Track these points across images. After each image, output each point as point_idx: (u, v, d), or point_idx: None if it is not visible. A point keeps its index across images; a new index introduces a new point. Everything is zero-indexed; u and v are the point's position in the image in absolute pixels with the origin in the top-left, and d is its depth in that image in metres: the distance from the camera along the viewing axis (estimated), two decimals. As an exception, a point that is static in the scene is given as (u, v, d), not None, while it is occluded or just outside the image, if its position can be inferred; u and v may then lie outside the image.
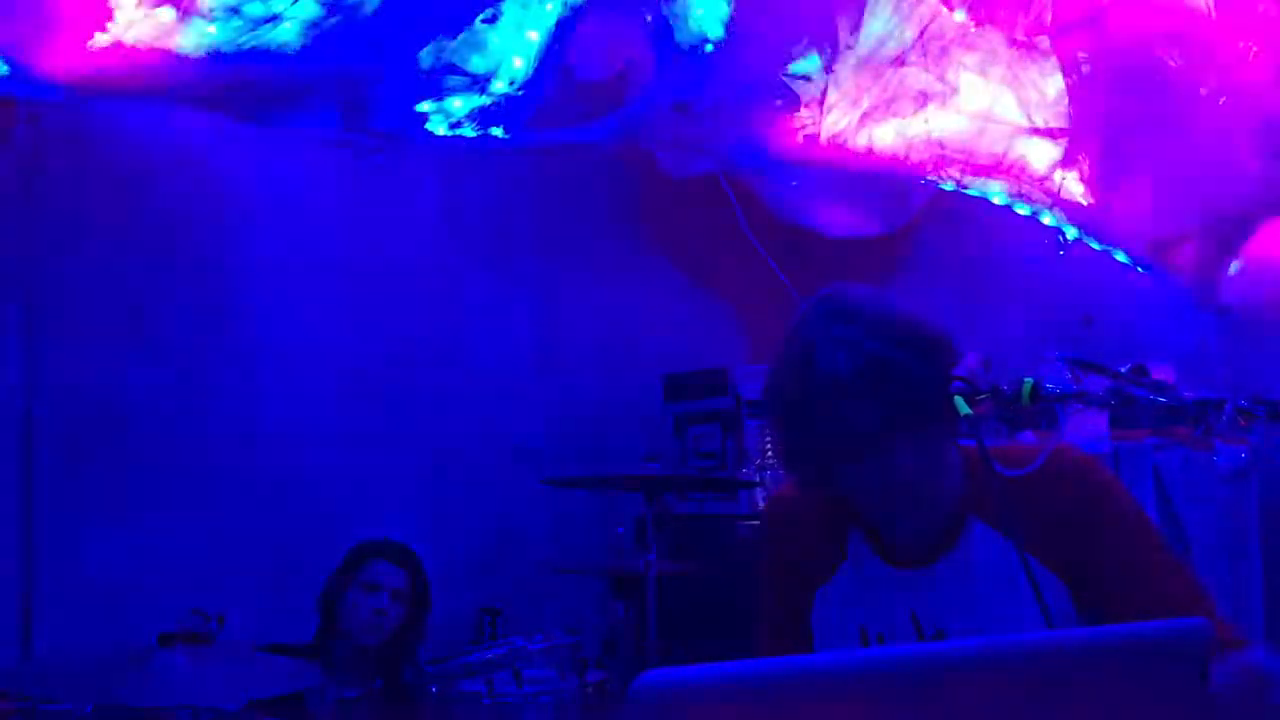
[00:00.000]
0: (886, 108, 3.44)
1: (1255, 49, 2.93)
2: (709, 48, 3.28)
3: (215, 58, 2.77)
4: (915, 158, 3.50)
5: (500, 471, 4.10)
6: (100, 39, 2.81)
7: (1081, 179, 3.37)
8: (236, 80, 2.84)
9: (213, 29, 2.76)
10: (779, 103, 3.43)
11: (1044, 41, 3.22)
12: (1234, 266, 3.25)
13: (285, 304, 3.82)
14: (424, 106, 3.13)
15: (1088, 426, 2.68)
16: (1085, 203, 3.41)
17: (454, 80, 3.09)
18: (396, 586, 3.11)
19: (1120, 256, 3.48)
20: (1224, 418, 1.45)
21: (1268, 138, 3.00)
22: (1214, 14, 3.00)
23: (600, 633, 3.90)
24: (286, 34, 2.78)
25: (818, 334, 1.47)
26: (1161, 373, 2.93)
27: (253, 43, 2.74)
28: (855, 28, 3.35)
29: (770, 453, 3.88)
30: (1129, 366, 2.92)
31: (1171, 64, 3.01)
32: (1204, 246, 3.21)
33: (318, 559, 3.23)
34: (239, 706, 2.52)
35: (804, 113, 3.48)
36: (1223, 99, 2.99)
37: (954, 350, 1.49)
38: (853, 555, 1.64)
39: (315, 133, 3.28)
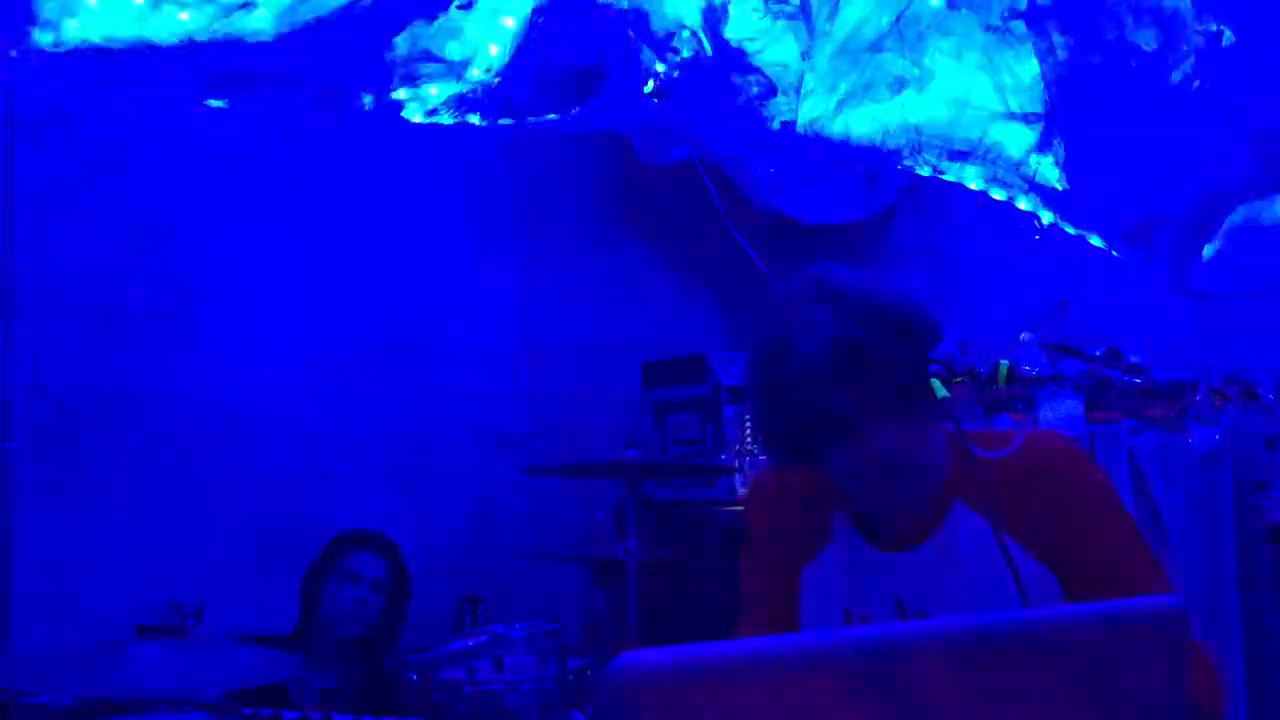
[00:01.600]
0: (863, 93, 3.44)
1: (1229, 33, 2.94)
2: (685, 33, 3.27)
3: (188, 45, 2.74)
4: (891, 143, 3.50)
5: (480, 459, 4.10)
6: (72, 26, 2.78)
7: (1056, 163, 3.37)
8: (210, 68, 2.82)
9: (185, 16, 2.74)
10: (756, 89, 3.43)
11: (1019, 26, 3.23)
12: (1208, 250, 3.27)
13: (264, 291, 3.81)
14: (399, 94, 3.11)
15: (1063, 410, 2.69)
16: (1060, 187, 3.42)
17: (430, 67, 3.07)
18: (377, 576, 3.10)
19: (1095, 241, 3.50)
20: (1198, 399, 1.46)
21: (1242, 123, 3.02)
22: (1187, -1, 3.01)
23: (581, 620, 3.91)
24: (260, 21, 2.75)
25: (795, 315, 1.46)
26: (1136, 356, 2.95)
27: (226, 30, 2.72)
28: (832, 13, 3.35)
29: (750, 438, 3.89)
30: (1104, 350, 2.95)
31: (1146, 48, 3.02)
32: (1178, 231, 3.23)
33: (298, 549, 3.22)
34: (218, 697, 2.51)
35: (781, 99, 3.48)
36: (1197, 83, 3.01)
37: (937, 329, 1.49)
38: (837, 537, 1.65)
39: (291, 120, 3.26)
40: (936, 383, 1.45)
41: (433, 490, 4.04)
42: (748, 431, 3.92)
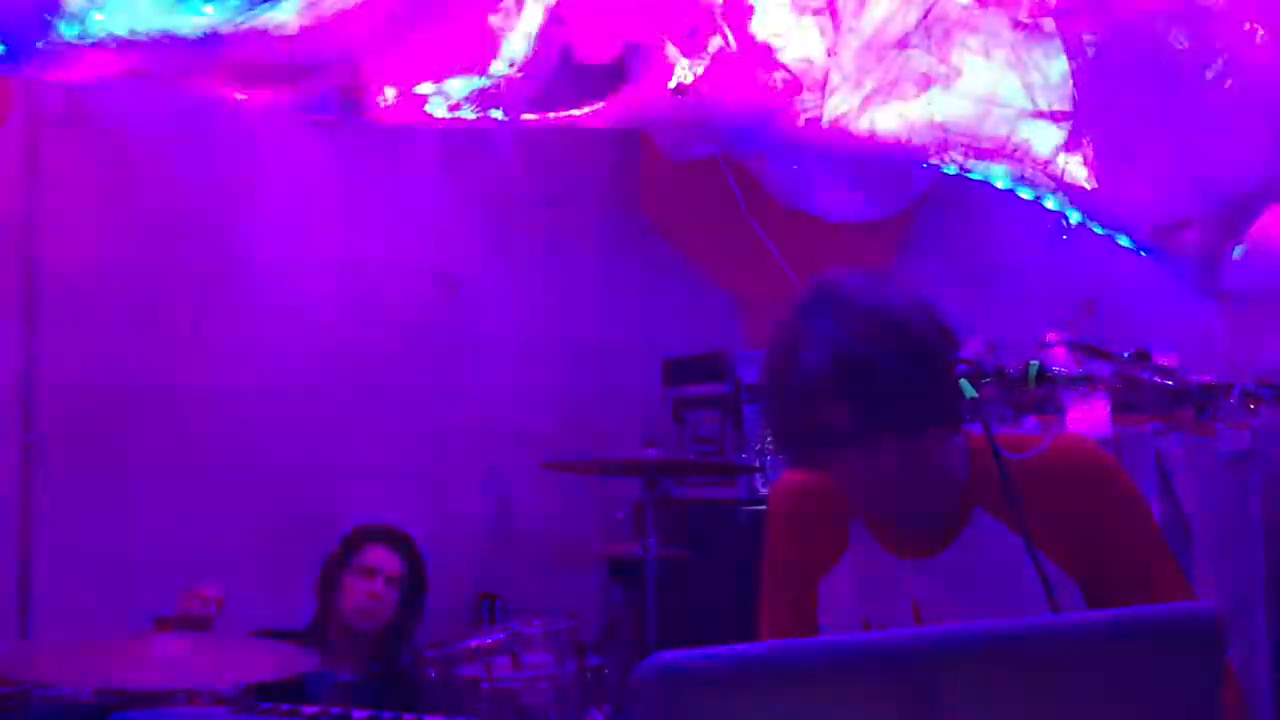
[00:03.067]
0: (889, 90, 3.42)
1: (1261, 31, 2.90)
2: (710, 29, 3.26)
3: (212, 38, 2.74)
4: (917, 141, 3.47)
5: (499, 456, 4.09)
6: (98, 19, 2.78)
7: (1085, 163, 3.34)
8: (234, 61, 2.82)
9: (210, 9, 2.74)
10: (781, 85, 3.41)
11: (1048, 23, 3.19)
12: (1238, 251, 3.23)
13: (284, 287, 3.81)
14: (423, 88, 3.10)
15: (1090, 412, 2.66)
16: (1089, 187, 3.38)
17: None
18: (393, 571, 3.10)
19: (1123, 241, 3.46)
20: (1231, 401, 1.43)
21: (1273, 121, 2.97)
22: (1220, -4, 2.97)
23: (599, 617, 3.90)
24: (284, 14, 2.75)
25: (802, 326, 1.43)
26: (1164, 358, 2.91)
27: (250, 23, 2.72)
28: (859, 10, 3.32)
29: (769, 438, 3.86)
30: (1131, 351, 2.91)
31: (1177, 46, 2.98)
32: (1207, 231, 3.19)
33: (316, 544, 3.22)
34: (236, 691, 2.51)
35: (806, 95, 3.46)
36: (1229, 82, 2.97)
37: (953, 344, 1.46)
38: (854, 545, 1.63)
39: (314, 115, 3.26)
40: (965, 383, 1.43)
41: (452, 486, 4.03)
42: (767, 430, 3.89)
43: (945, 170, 3.55)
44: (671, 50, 3.34)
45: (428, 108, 3.20)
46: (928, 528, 1.56)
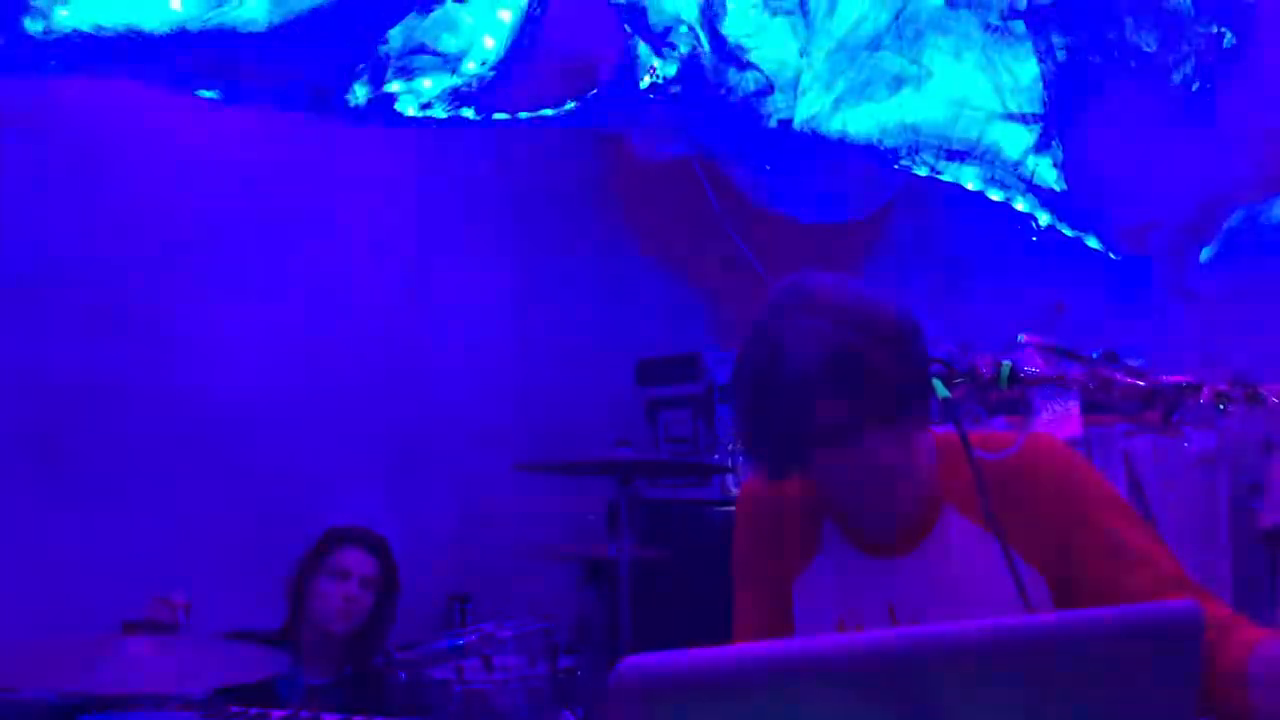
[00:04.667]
0: (861, 92, 3.43)
1: (1230, 35, 2.93)
2: (683, 29, 3.25)
3: (180, 35, 2.72)
4: (889, 142, 3.49)
5: (471, 456, 4.07)
6: (63, 14, 2.75)
7: (1055, 165, 3.37)
8: (202, 58, 2.79)
9: (177, 5, 2.71)
10: (753, 86, 3.41)
11: (1019, 25, 3.21)
12: (1206, 253, 3.27)
13: (253, 287, 3.77)
14: (393, 86, 3.09)
15: (1060, 412, 2.68)
16: (1058, 189, 3.41)
17: (424, 60, 3.05)
18: (366, 573, 3.07)
19: (1092, 242, 3.49)
20: (1202, 401, 1.44)
21: (1242, 125, 3.00)
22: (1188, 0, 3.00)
23: (572, 619, 3.89)
24: (253, 11, 2.72)
25: (785, 326, 1.43)
26: (1132, 359, 2.93)
27: (219, 20, 2.69)
28: (831, 10, 3.33)
29: (744, 440, 3.86)
30: (1100, 352, 2.94)
31: (1146, 50, 3.01)
32: (1176, 233, 3.22)
33: (287, 545, 3.19)
34: (205, 694, 2.48)
35: (778, 96, 3.46)
36: (1197, 85, 3.00)
37: (924, 338, 1.47)
38: (827, 545, 1.63)
39: (283, 112, 3.23)
40: (938, 383, 1.43)
41: (424, 487, 4.01)
42: (737, 434, 3.89)
43: (917, 171, 3.56)
44: (644, 50, 3.34)
45: (398, 106, 3.18)
46: (900, 526, 1.56)
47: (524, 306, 4.33)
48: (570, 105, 3.48)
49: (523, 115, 3.45)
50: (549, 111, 3.47)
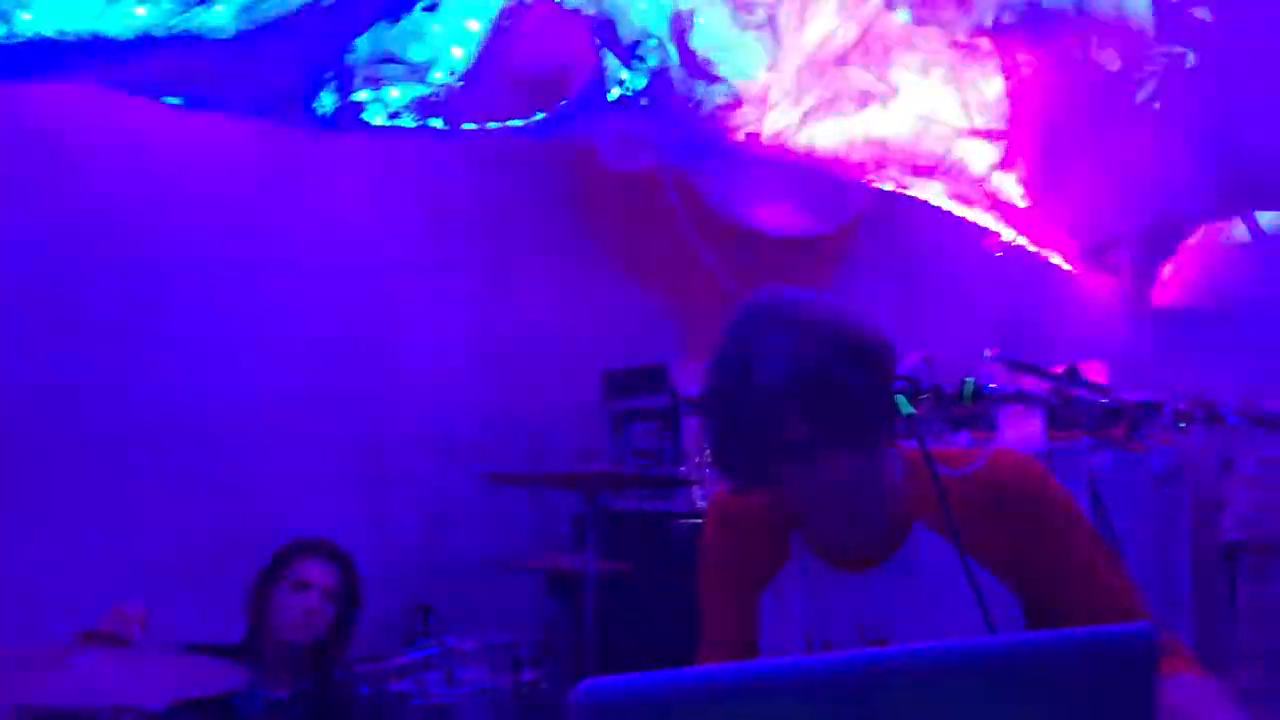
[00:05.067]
0: (828, 107, 3.45)
1: (1191, 55, 2.97)
2: (652, 42, 3.26)
3: (145, 41, 2.69)
4: (856, 157, 3.51)
5: (437, 467, 4.04)
6: (25, 18, 2.72)
7: (1019, 181, 3.40)
8: (168, 64, 2.76)
9: (142, 10, 2.68)
10: (721, 99, 3.42)
11: (984, 43, 3.24)
12: (1167, 270, 3.30)
13: (214, 296, 3.74)
14: (361, 95, 3.07)
15: (1024, 427, 2.70)
16: (1022, 205, 3.44)
17: (392, 69, 3.04)
18: (327, 585, 3.04)
19: (1055, 258, 3.52)
20: (1163, 419, 1.46)
21: (1202, 142, 3.04)
22: (1150, 20, 3.04)
23: (536, 632, 3.86)
24: (220, 18, 2.70)
25: (755, 341, 1.43)
26: (1094, 374, 2.96)
27: (184, 26, 2.67)
28: (799, 26, 3.35)
29: (709, 452, 3.86)
30: (1062, 368, 2.96)
31: (1109, 68, 3.04)
32: (1138, 250, 3.26)
33: (248, 557, 3.15)
34: (163, 707, 2.45)
35: (746, 110, 3.48)
36: (1158, 104, 3.03)
37: (893, 355, 1.47)
38: (795, 558, 1.63)
39: (249, 119, 3.21)
40: (902, 400, 1.44)
41: (388, 498, 3.98)
42: (707, 445, 3.89)
43: (883, 186, 3.59)
44: (612, 63, 3.34)
45: (366, 115, 3.17)
46: (869, 541, 1.56)
47: (491, 317, 4.31)
48: (539, 116, 3.48)
49: (491, 126, 3.44)
50: (518, 122, 3.47)
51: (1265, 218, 3.16)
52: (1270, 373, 3.05)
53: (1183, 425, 1.36)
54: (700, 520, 1.77)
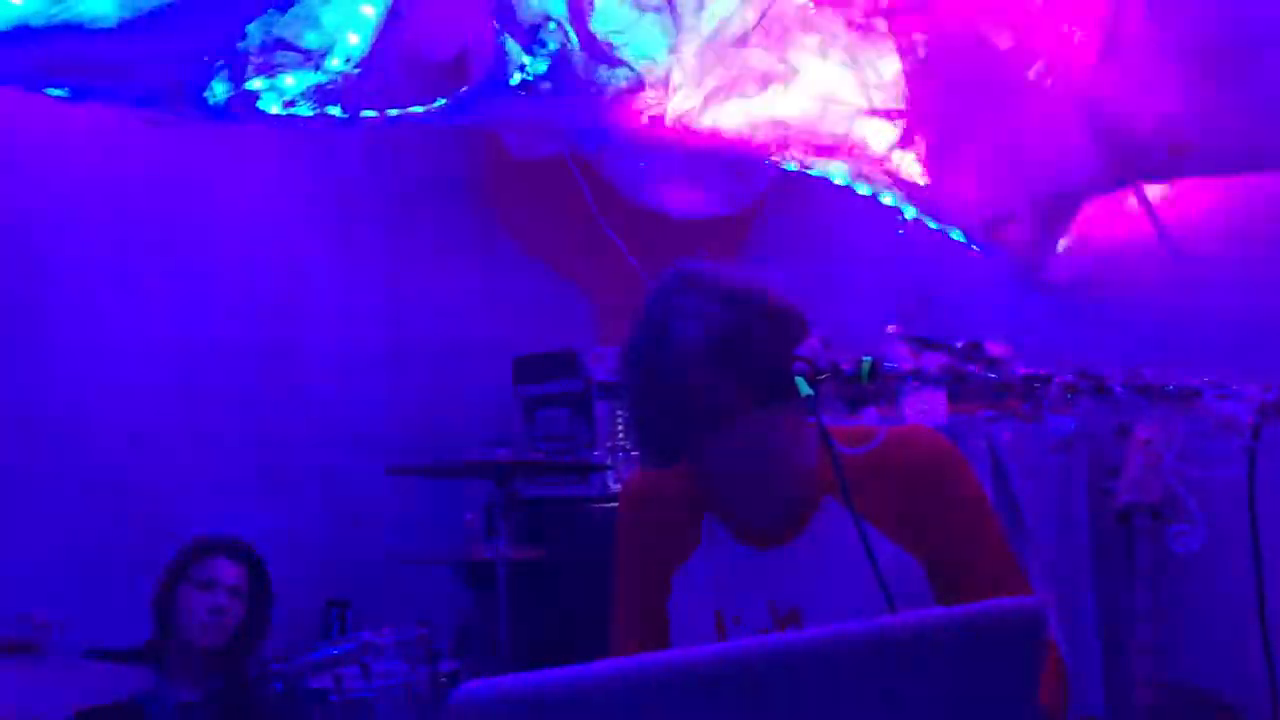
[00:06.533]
0: (731, 88, 3.45)
1: (1079, 33, 3.04)
2: (552, 25, 3.23)
3: (22, 31, 2.59)
4: (759, 139, 3.52)
5: (345, 460, 4.00)
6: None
7: (918, 159, 3.44)
8: (48, 55, 2.67)
9: (18, 0, 2.59)
10: (623, 83, 3.41)
11: (881, 24, 3.28)
12: (1060, 244, 3.38)
13: (111, 292, 3.64)
14: (254, 84, 3.00)
15: (927, 402, 2.74)
16: (922, 183, 3.49)
17: (286, 56, 2.97)
18: (234, 583, 3.00)
19: (956, 235, 3.58)
20: (1051, 392, 1.49)
21: (1092, 119, 3.12)
22: (1040, -1, 3.10)
23: (452, 623, 3.85)
24: (101, 6, 2.61)
25: (673, 306, 1.46)
26: (997, 348, 3.02)
27: (64, 15, 2.57)
28: (699, 8, 3.35)
29: (622, 434, 3.88)
30: (965, 342, 3.01)
31: (1001, 47, 3.10)
32: (1031, 225, 3.33)
33: (150, 556, 3.09)
34: (67, 717, 2.39)
35: (649, 93, 3.47)
36: (1049, 81, 3.10)
37: (804, 322, 1.50)
38: (707, 537, 1.65)
39: (138, 111, 3.12)
40: (801, 381, 1.45)
41: (296, 493, 3.92)
42: (620, 427, 3.91)
43: (786, 167, 3.61)
44: (513, 47, 3.31)
45: (261, 104, 3.09)
46: (781, 517, 1.59)
47: (397, 307, 4.26)
48: (440, 103, 3.43)
49: (391, 113, 3.38)
50: (419, 109, 3.41)
51: (1153, 191, 3.25)
52: (1159, 343, 3.15)
53: (1070, 397, 1.40)
54: (614, 504, 1.78)
